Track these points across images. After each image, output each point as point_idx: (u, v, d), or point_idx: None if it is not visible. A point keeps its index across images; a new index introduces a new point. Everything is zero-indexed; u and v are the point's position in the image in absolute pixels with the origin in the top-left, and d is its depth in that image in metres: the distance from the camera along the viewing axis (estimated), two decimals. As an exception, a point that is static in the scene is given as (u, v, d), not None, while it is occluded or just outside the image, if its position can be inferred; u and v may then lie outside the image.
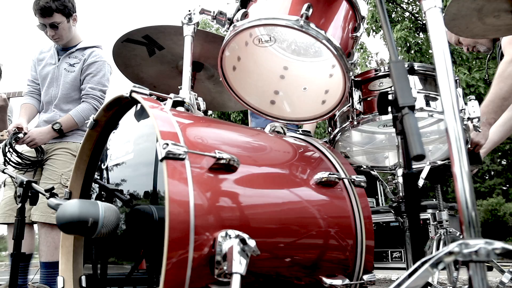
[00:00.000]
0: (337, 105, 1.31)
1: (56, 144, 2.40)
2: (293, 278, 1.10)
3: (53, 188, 1.21)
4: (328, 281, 1.12)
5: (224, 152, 0.95)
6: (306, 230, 1.10)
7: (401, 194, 1.40)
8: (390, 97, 0.96)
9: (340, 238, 1.18)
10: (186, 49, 1.34)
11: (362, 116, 1.38)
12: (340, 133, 1.50)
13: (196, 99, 1.28)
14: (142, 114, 1.18)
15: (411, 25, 7.42)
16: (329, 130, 1.57)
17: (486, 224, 9.00)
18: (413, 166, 1.59)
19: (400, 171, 1.42)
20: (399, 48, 7.03)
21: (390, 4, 7.46)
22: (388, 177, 1.51)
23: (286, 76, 1.54)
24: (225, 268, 0.86)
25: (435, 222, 1.81)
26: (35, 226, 2.39)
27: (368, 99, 1.43)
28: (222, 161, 0.94)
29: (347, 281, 1.14)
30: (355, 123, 1.38)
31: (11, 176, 1.48)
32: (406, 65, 0.91)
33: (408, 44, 7.04)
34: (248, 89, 1.45)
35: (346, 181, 1.26)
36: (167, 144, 0.86)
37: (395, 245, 3.51)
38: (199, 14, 1.37)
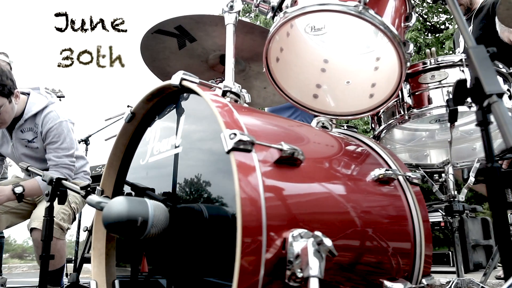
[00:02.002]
0: (390, 97, 1.24)
1: None
2: (354, 281, 1.02)
3: (89, 186, 1.12)
4: (389, 284, 1.04)
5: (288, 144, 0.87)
6: (369, 231, 1.02)
7: (452, 192, 1.32)
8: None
9: (399, 239, 1.10)
10: (228, 38, 1.26)
11: (413, 110, 1.30)
12: (385, 130, 1.42)
13: (240, 90, 1.20)
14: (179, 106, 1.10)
15: (420, 26, 7.40)
16: (372, 126, 1.49)
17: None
18: (459, 164, 1.53)
19: (451, 169, 1.35)
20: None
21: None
22: (434, 175, 1.44)
23: (327, 69, 1.46)
24: (297, 271, 0.78)
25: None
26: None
27: (417, 93, 1.36)
28: (288, 154, 0.86)
29: (409, 285, 1.06)
30: (406, 117, 1.31)
31: (37, 174, 1.39)
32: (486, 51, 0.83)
33: (418, 44, 7.00)
34: (290, 82, 1.37)
35: (401, 178, 1.18)
36: (235, 134, 0.77)
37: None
38: (241, 2, 1.29)
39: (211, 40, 1.58)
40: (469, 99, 0.88)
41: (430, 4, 7.60)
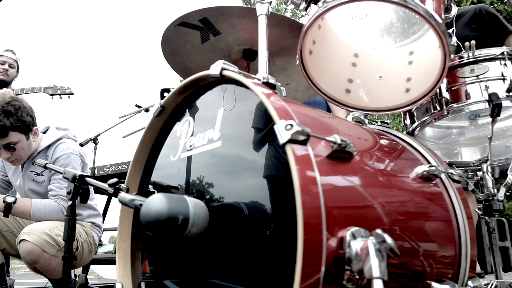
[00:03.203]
0: (430, 91, 1.19)
1: None
2: (400, 282, 0.97)
3: (117, 183, 1.06)
4: (437, 286, 0.99)
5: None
6: (417, 230, 0.97)
7: (491, 191, 1.27)
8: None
9: (445, 239, 1.05)
10: (261, 30, 1.20)
11: (452, 105, 1.25)
12: (419, 127, 1.37)
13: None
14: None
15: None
16: (405, 123, 1.44)
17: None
18: (497, 162, 1.48)
19: (489, 167, 1.29)
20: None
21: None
22: (470, 173, 1.39)
23: (358, 64, 1.41)
24: (356, 272, 0.72)
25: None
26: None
27: (454, 88, 1.31)
28: (341, 148, 0.80)
29: (457, 287, 1.01)
30: (445, 113, 1.26)
31: (57, 172, 1.33)
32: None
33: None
34: (322, 76, 1.32)
35: (443, 175, 1.13)
36: (291, 125, 0.72)
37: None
38: (273, -9, 1.24)
39: (236, 34, 1.53)
40: None
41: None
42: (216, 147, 0.96)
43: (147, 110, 3.37)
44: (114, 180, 1.07)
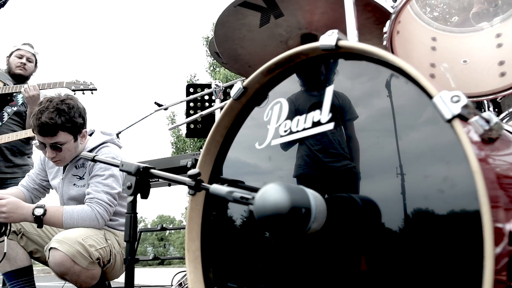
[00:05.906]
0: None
1: None
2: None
3: (199, 174, 0.93)
4: None
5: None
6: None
7: None
8: None
9: None
10: (348, 8, 1.09)
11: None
12: (508, 117, 1.27)
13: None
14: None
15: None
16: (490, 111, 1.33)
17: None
18: None
19: None
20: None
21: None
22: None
23: (437, 48, 1.31)
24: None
25: None
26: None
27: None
28: (492, 128, 0.69)
29: None
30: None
31: (112, 165, 1.19)
32: None
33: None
34: (405, 59, 1.21)
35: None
36: (459, 97, 0.60)
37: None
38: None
39: (300, 16, 1.41)
40: None
41: None
42: (327, 129, 0.83)
43: (166, 109, 3.26)
44: (196, 170, 0.93)
